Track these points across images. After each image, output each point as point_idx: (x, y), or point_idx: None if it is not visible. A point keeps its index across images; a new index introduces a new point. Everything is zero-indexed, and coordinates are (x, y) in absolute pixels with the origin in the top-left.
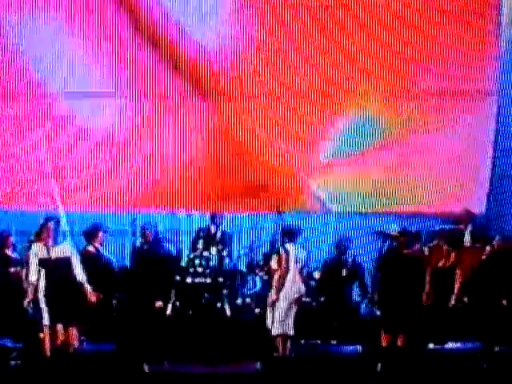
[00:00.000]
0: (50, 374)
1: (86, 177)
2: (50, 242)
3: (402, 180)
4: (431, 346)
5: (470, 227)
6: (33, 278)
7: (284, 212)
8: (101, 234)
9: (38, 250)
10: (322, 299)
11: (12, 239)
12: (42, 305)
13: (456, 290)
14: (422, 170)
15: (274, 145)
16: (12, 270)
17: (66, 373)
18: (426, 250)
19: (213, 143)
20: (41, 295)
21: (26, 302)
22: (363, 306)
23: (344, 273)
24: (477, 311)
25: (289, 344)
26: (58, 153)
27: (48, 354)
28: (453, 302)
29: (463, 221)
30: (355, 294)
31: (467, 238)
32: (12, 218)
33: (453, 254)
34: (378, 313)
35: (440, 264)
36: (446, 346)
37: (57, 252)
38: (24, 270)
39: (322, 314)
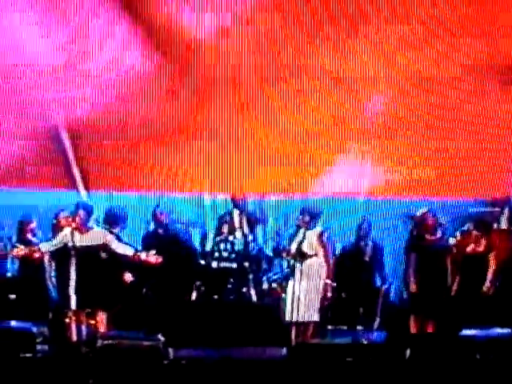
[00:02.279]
0: (76, 359)
1: None
2: (81, 229)
3: (437, 165)
4: (462, 332)
5: (507, 210)
6: (43, 248)
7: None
8: (122, 219)
9: (67, 234)
10: (345, 285)
11: (32, 225)
12: (71, 291)
13: (490, 276)
14: (458, 153)
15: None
16: (36, 255)
17: (92, 358)
18: (457, 234)
19: None
20: (66, 280)
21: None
22: (385, 289)
23: (365, 257)
24: (509, 297)
25: (315, 330)
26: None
27: (74, 339)
28: (485, 288)
29: (500, 203)
30: (377, 279)
31: (503, 221)
32: (33, 202)
33: (483, 240)
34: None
35: (469, 249)
36: (477, 332)
37: (86, 239)
38: (47, 256)
39: (347, 299)
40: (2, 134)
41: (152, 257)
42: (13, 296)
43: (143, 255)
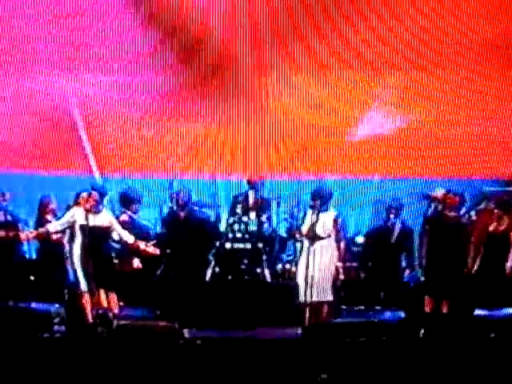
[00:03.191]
0: (92, 339)
1: None
2: (92, 211)
3: (451, 142)
4: (476, 312)
5: None
6: (51, 228)
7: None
8: (136, 201)
9: (75, 214)
10: (369, 266)
11: (52, 206)
12: (79, 272)
13: (510, 255)
14: (473, 131)
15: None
16: (54, 236)
17: (107, 338)
18: (473, 213)
19: None
20: (76, 261)
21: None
22: (407, 272)
23: (392, 239)
24: None
25: (330, 310)
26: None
27: (90, 319)
28: (508, 269)
29: None
30: (403, 260)
31: None
32: (52, 184)
33: (505, 218)
34: (422, 278)
35: (491, 228)
36: (491, 312)
37: (96, 220)
38: (65, 236)
39: (369, 280)
40: (16, 120)
41: (150, 247)
42: (31, 277)
43: (142, 245)
